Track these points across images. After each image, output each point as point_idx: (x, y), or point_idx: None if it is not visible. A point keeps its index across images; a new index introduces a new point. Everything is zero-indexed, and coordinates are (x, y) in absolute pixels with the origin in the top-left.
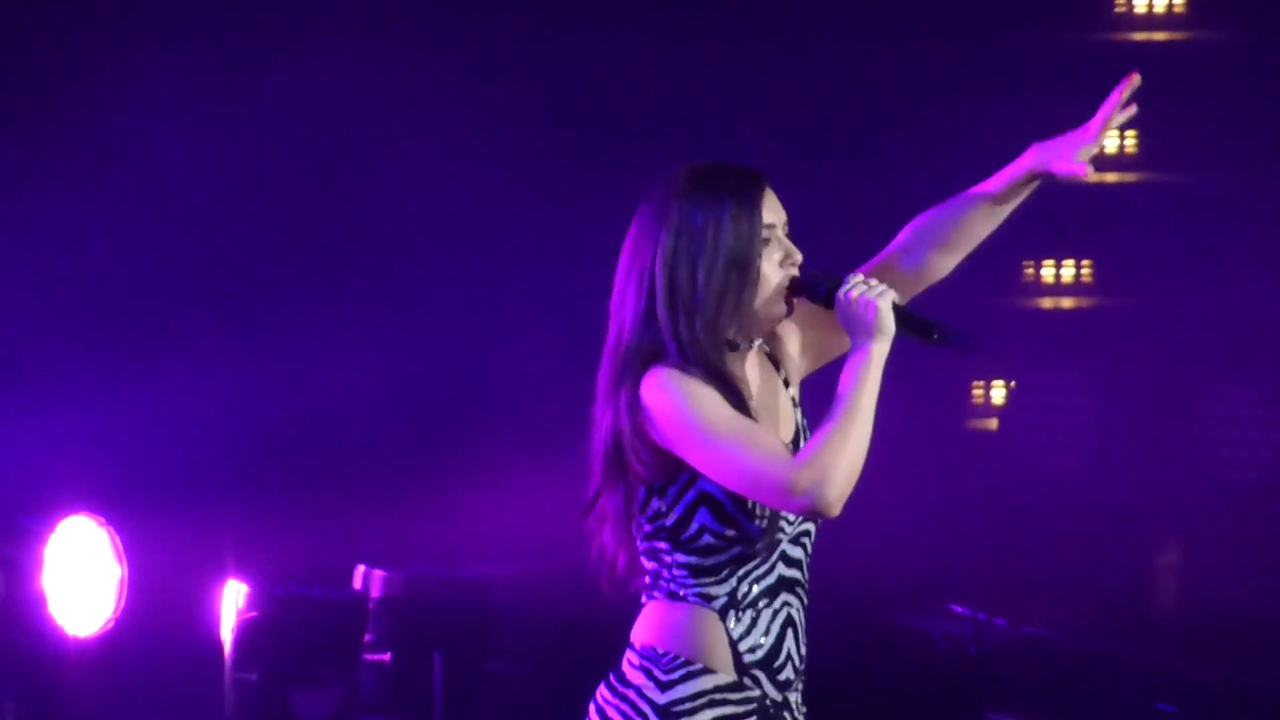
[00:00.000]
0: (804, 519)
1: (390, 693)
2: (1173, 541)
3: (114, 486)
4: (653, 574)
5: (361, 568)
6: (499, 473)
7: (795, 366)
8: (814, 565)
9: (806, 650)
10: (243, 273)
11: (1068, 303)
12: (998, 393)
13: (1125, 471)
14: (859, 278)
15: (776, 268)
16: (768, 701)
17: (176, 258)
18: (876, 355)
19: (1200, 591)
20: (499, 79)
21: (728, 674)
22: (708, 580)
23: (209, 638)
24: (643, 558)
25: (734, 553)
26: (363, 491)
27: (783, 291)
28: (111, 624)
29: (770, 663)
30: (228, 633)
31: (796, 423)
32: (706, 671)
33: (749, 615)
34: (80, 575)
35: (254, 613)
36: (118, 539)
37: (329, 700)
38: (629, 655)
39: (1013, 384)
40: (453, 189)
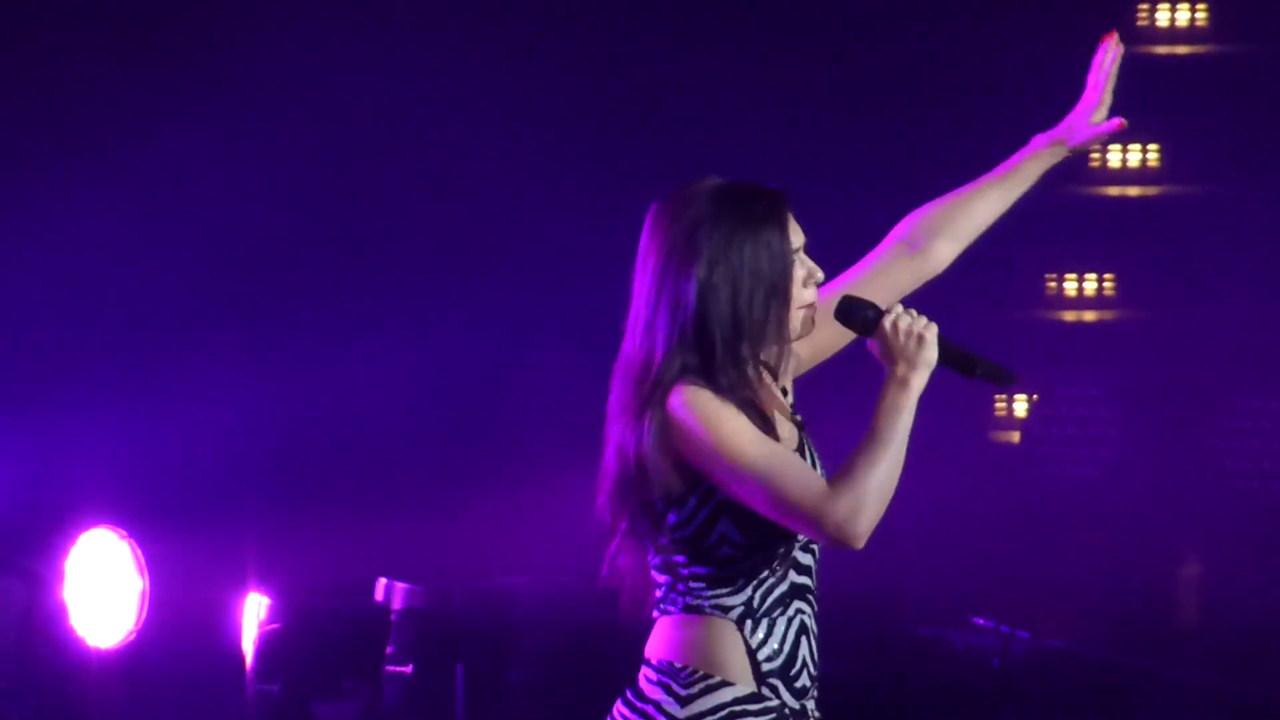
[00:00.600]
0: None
1: (412, 704)
2: (1195, 553)
3: (135, 499)
4: (666, 587)
5: (383, 580)
6: (520, 485)
7: (789, 371)
8: (838, 578)
9: (820, 657)
10: (264, 285)
11: (1090, 316)
12: (1020, 406)
13: (1147, 483)
14: (900, 308)
15: (801, 289)
16: (786, 710)
17: (198, 271)
18: (916, 387)
19: (1223, 603)
20: (519, 93)
21: (746, 685)
22: (724, 591)
23: (230, 649)
24: (655, 572)
25: (751, 562)
26: (384, 504)
27: (805, 312)
28: (133, 636)
29: (787, 671)
30: (249, 644)
31: (800, 436)
32: (725, 684)
33: (765, 624)
34: (102, 587)
35: (276, 624)
36: (139, 551)
37: (351, 712)
38: (645, 671)
39: (1035, 397)
40: (474, 200)
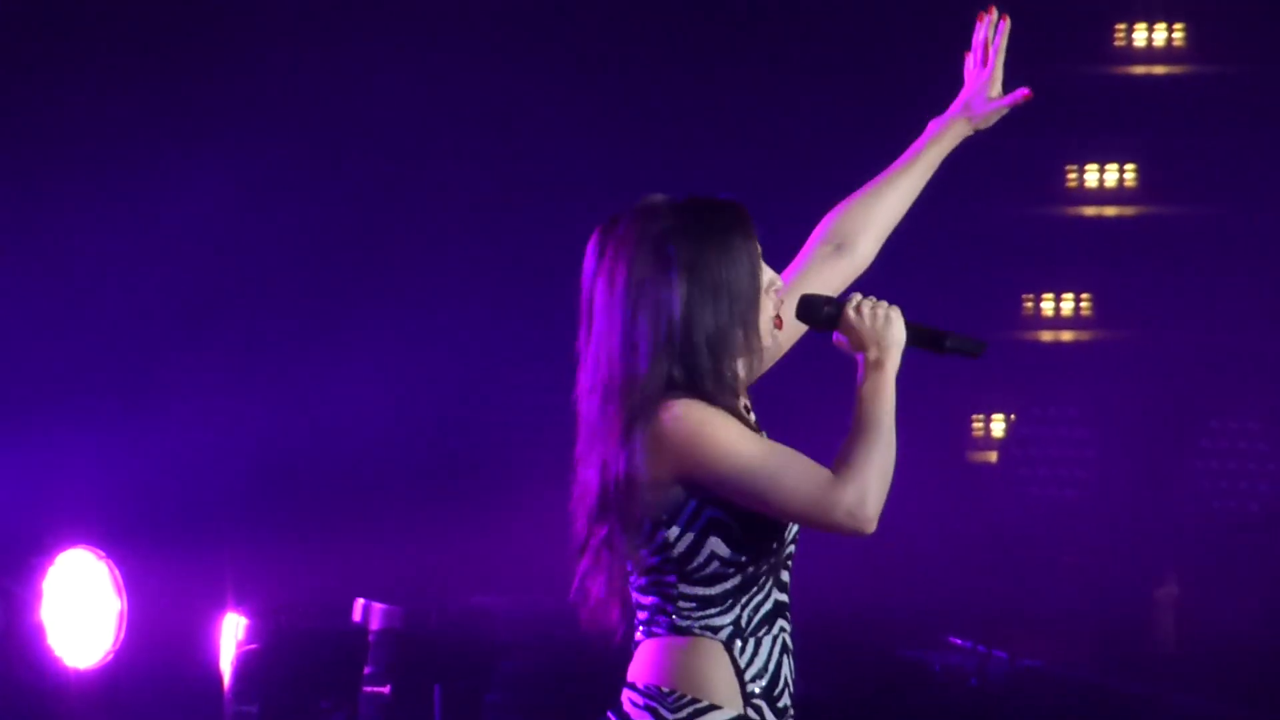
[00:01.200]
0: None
1: None
2: (1172, 572)
3: (113, 519)
4: (652, 609)
5: (361, 600)
6: (497, 506)
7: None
8: (814, 598)
9: (796, 677)
10: (243, 307)
11: (1067, 336)
12: (997, 425)
13: (1124, 503)
14: (859, 295)
15: (765, 296)
16: None
17: (176, 293)
18: (891, 368)
19: (1200, 624)
20: (499, 116)
21: (734, 708)
22: (713, 610)
23: (209, 670)
24: (639, 594)
25: (739, 580)
26: (362, 524)
27: (771, 320)
28: (111, 656)
29: (771, 690)
30: (227, 665)
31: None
32: (713, 708)
33: (752, 643)
34: (80, 608)
35: (254, 645)
36: (117, 572)
37: None
38: (630, 695)
39: (1012, 417)
40: (451, 223)
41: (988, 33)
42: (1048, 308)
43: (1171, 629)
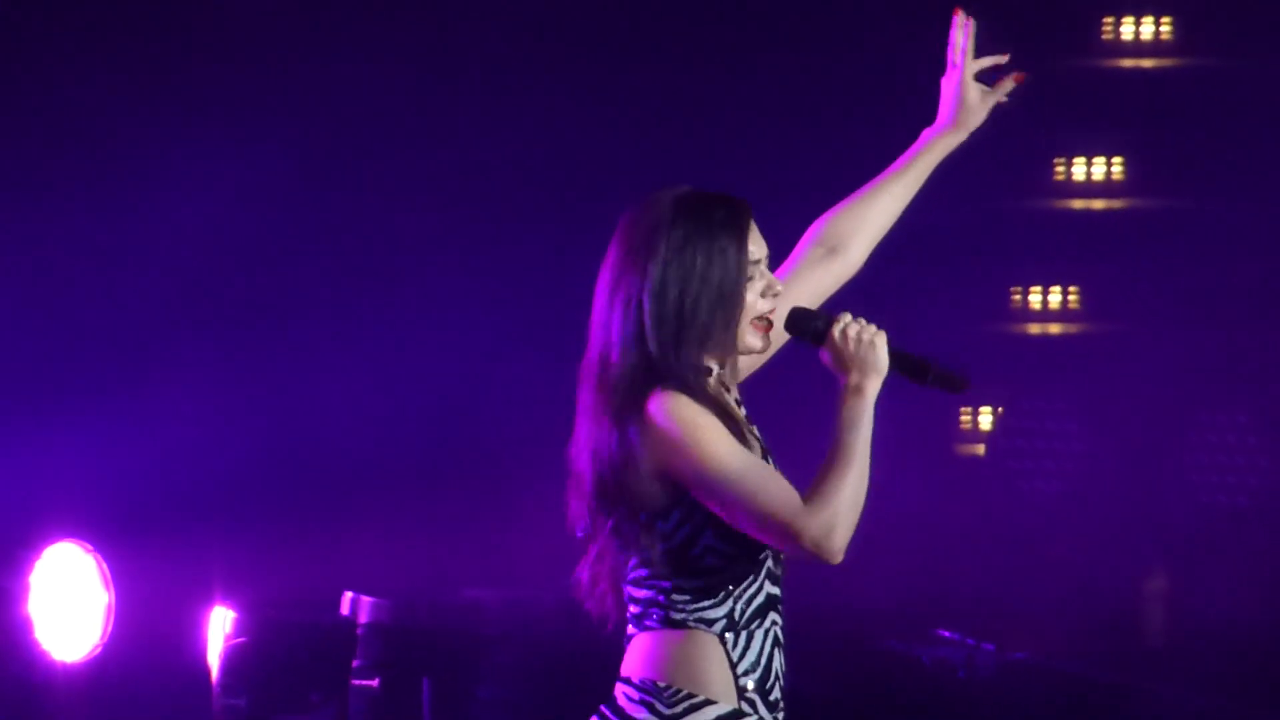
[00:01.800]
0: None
1: (379, 718)
2: (1160, 566)
3: (101, 513)
4: (645, 602)
5: (349, 593)
6: (486, 498)
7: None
8: (802, 592)
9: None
10: (231, 300)
11: (1055, 329)
12: (985, 418)
13: (1112, 496)
14: (849, 315)
15: (759, 298)
16: None
17: (164, 285)
18: (871, 394)
19: (1189, 616)
20: (489, 108)
21: (729, 702)
22: (707, 604)
23: (196, 664)
24: (632, 587)
25: (733, 573)
26: (350, 517)
27: (761, 323)
28: (98, 650)
29: (763, 684)
30: (215, 658)
31: (761, 445)
32: (708, 703)
33: (745, 636)
34: (67, 601)
35: (242, 638)
36: (105, 565)
37: None
38: (625, 689)
39: (1000, 410)
40: (443, 215)
41: (956, 35)
42: (1035, 300)
43: (1160, 622)
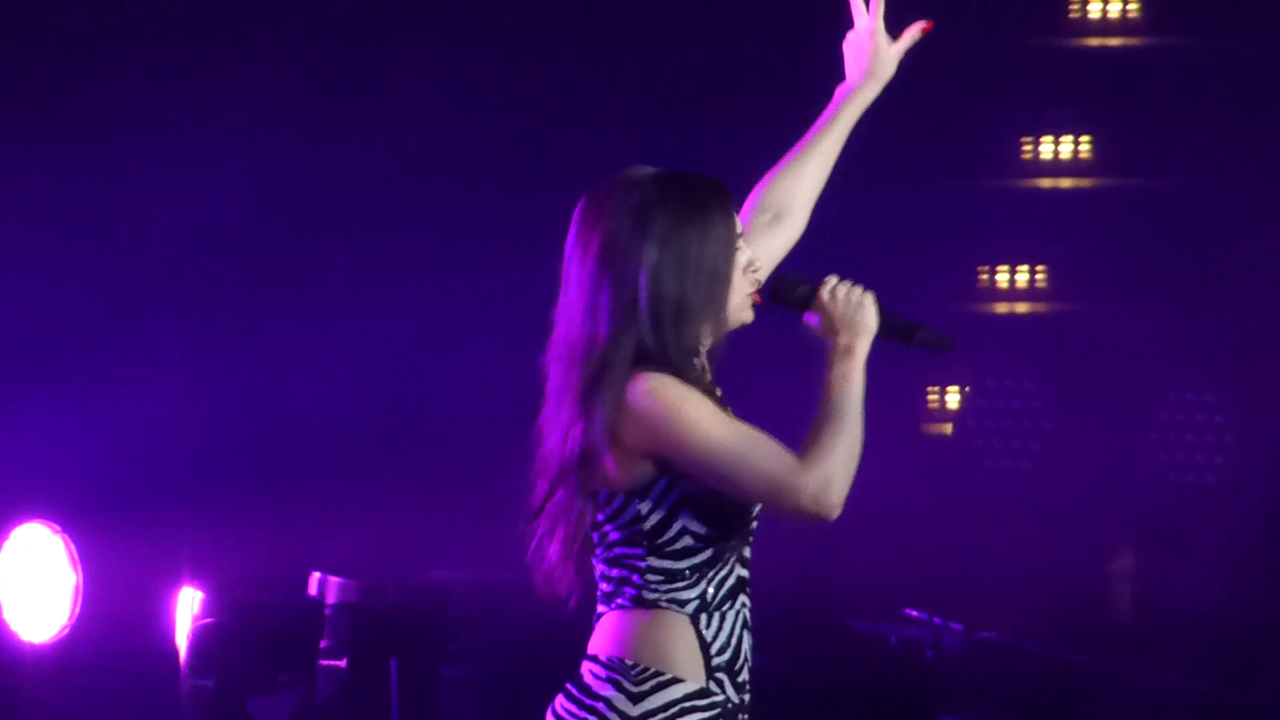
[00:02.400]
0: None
1: (347, 699)
2: (1129, 546)
3: (69, 493)
4: (617, 581)
5: (317, 574)
6: (453, 479)
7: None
8: (768, 570)
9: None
10: (199, 280)
11: (1022, 308)
12: (952, 398)
13: (1080, 476)
14: (835, 277)
15: (741, 275)
16: (730, 705)
17: (133, 265)
18: (861, 354)
19: (1156, 596)
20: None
21: (696, 681)
22: (680, 585)
23: (165, 644)
24: (605, 565)
25: (708, 554)
26: (318, 498)
27: (748, 298)
28: (66, 631)
29: (732, 665)
30: (183, 639)
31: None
32: (676, 681)
33: (716, 618)
34: (35, 582)
35: (209, 619)
36: (73, 546)
37: (285, 706)
38: (592, 667)
39: (967, 389)
40: (407, 195)
41: None
42: (1003, 280)
43: (1128, 601)
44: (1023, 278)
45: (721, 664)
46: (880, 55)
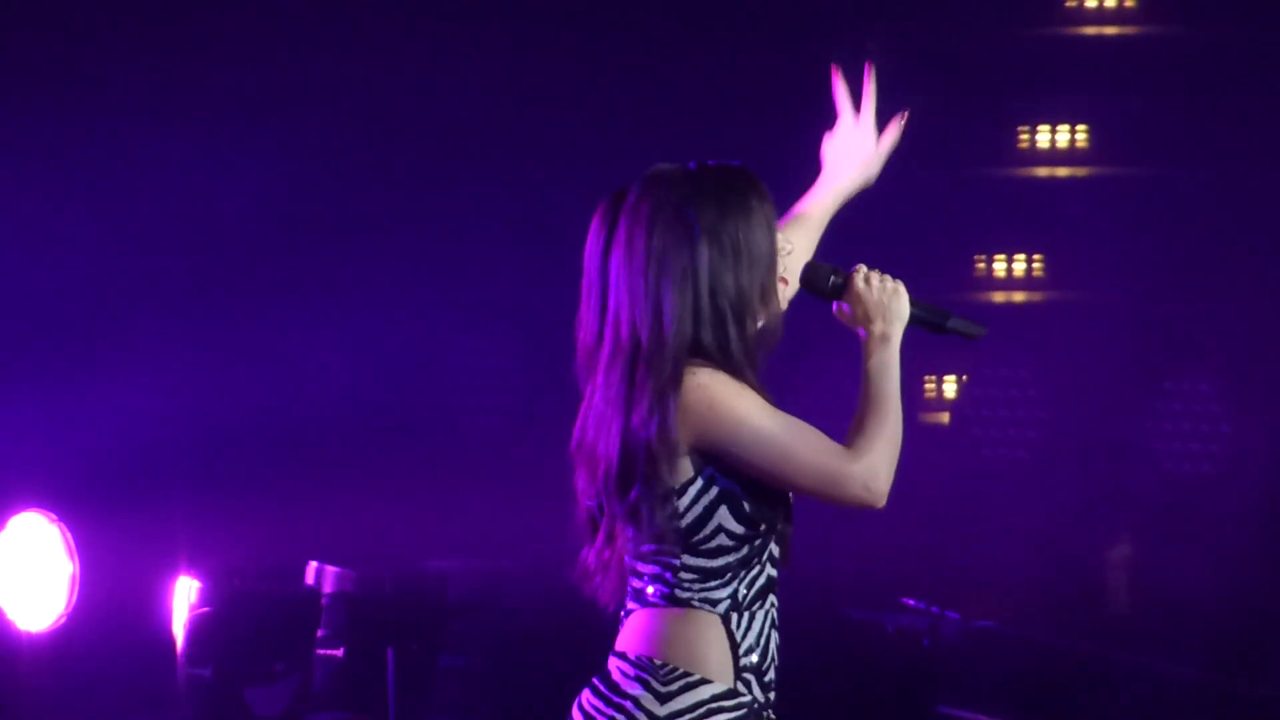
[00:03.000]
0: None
1: (343, 688)
2: (1125, 535)
3: (66, 482)
4: (651, 578)
5: (314, 564)
6: (451, 469)
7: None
8: None
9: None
10: (195, 270)
11: (1019, 297)
12: (949, 387)
13: (1076, 464)
14: (865, 267)
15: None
16: (756, 705)
17: (129, 255)
18: (896, 341)
19: (1153, 585)
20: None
21: (724, 682)
22: (713, 584)
23: (162, 634)
24: (639, 562)
25: (742, 554)
26: (315, 487)
27: (783, 284)
28: (63, 620)
29: (760, 665)
30: (180, 628)
31: None
32: (704, 681)
33: (748, 617)
34: (32, 572)
35: (206, 608)
36: (69, 535)
37: (282, 695)
38: (620, 664)
39: (965, 378)
40: (406, 187)
41: (841, 88)
42: (1000, 269)
43: (1125, 590)
44: (1020, 267)
45: (750, 664)
46: (870, 158)
